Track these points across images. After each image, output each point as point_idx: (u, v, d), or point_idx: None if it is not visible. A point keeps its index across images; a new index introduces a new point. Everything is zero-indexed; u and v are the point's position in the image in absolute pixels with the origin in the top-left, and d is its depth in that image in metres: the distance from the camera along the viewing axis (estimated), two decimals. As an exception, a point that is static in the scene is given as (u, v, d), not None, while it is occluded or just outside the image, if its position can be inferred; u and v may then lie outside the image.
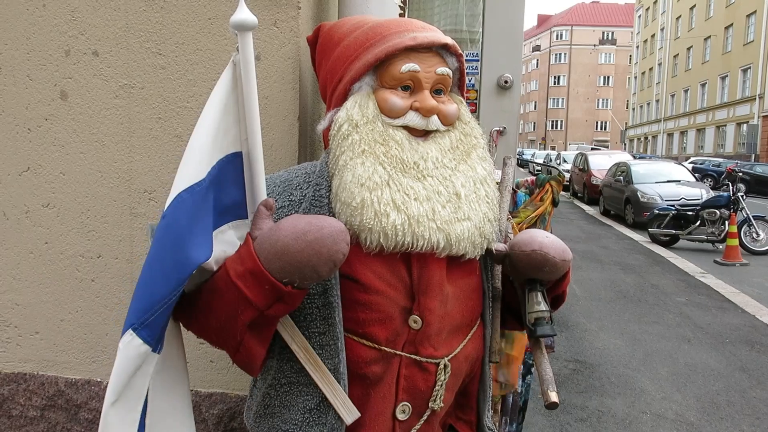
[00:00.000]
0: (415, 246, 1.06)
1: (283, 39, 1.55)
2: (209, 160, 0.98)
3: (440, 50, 1.17)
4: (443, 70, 1.15)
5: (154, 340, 0.92)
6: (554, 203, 2.42)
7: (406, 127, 1.13)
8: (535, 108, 74.42)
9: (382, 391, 1.10)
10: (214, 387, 1.68)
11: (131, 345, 0.91)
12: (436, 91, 1.16)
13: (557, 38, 70.67)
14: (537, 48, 74.14)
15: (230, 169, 1.03)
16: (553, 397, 1.12)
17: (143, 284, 0.92)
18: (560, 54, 70.14)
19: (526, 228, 2.19)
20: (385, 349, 1.08)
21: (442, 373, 1.12)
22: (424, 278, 1.10)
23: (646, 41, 51.58)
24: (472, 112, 2.14)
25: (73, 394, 1.72)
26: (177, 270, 0.91)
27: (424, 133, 1.15)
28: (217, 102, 1.01)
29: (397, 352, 1.09)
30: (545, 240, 1.13)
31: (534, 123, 74.81)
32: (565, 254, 1.14)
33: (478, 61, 2.48)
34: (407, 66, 1.11)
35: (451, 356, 1.13)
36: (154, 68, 1.60)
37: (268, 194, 1.10)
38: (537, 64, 74.15)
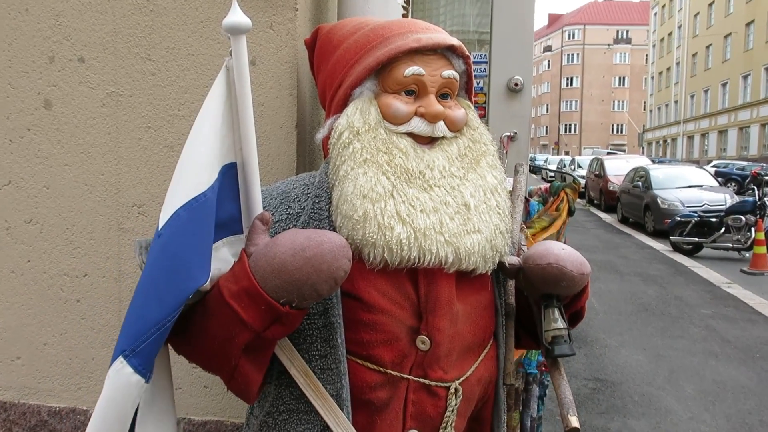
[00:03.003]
0: (421, 261, 1.05)
1: (279, 42, 1.55)
2: (210, 172, 0.97)
3: (446, 52, 1.16)
4: (449, 73, 1.15)
5: (146, 368, 0.91)
6: (570, 212, 2.41)
7: (410, 134, 1.13)
8: (547, 111, 74.55)
9: (389, 418, 1.08)
10: (208, 414, 1.66)
11: (121, 373, 0.89)
12: (442, 96, 1.16)
13: (569, 38, 70.93)
14: (548, 48, 74.40)
15: (225, 181, 1.03)
16: (574, 422, 1.10)
17: (136, 307, 0.91)
18: (573, 54, 70.35)
19: (540, 239, 2.17)
20: (391, 372, 1.07)
21: (453, 397, 1.10)
22: (432, 295, 1.09)
23: (662, 40, 51.69)
24: (481, 117, 2.13)
25: (57, 424, 1.71)
26: (174, 293, 0.90)
27: (429, 141, 1.15)
28: (211, 110, 1.00)
29: (404, 376, 1.08)
30: (561, 252, 1.13)
31: (546, 127, 74.94)
32: (583, 267, 1.13)
33: (486, 63, 2.47)
34: (411, 69, 1.11)
35: (462, 379, 1.12)
36: (144, 75, 1.60)
37: (264, 207, 1.10)
38: (548, 65, 74.38)
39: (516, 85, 2.33)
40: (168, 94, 1.60)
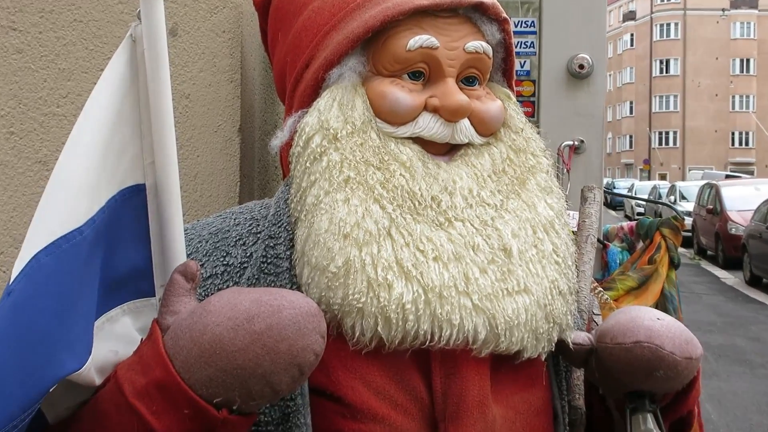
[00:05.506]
0: (437, 338, 1.05)
1: (214, 1, 1.58)
2: (90, 199, 0.97)
3: (471, 13, 1.19)
4: (477, 45, 1.16)
5: None
6: (673, 265, 2.41)
7: (418, 140, 1.14)
8: (630, 112, 75.12)
9: None
10: None
11: None
12: (467, 80, 1.18)
13: (663, -1, 72.01)
14: (630, 15, 75.41)
15: (125, 214, 1.03)
16: None
17: None
18: (668, 25, 71.26)
19: (626, 304, 2.17)
20: None
21: None
22: (454, 393, 1.09)
23: (806, 2, 52.59)
24: (529, 115, 2.15)
25: None
26: (25, 384, 0.88)
27: (448, 149, 1.17)
28: (104, 102, 1.01)
29: None
30: (656, 325, 1.13)
31: (630, 136, 75.39)
32: (691, 348, 1.13)
33: (535, 34, 2.51)
34: (418, 39, 1.13)
35: None
36: (5, 52, 1.62)
37: (189, 254, 1.10)
38: (631, 41, 75.27)
39: (581, 68, 2.36)
40: (42, 81, 1.61)
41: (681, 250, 2.60)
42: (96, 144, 0.99)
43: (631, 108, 74.97)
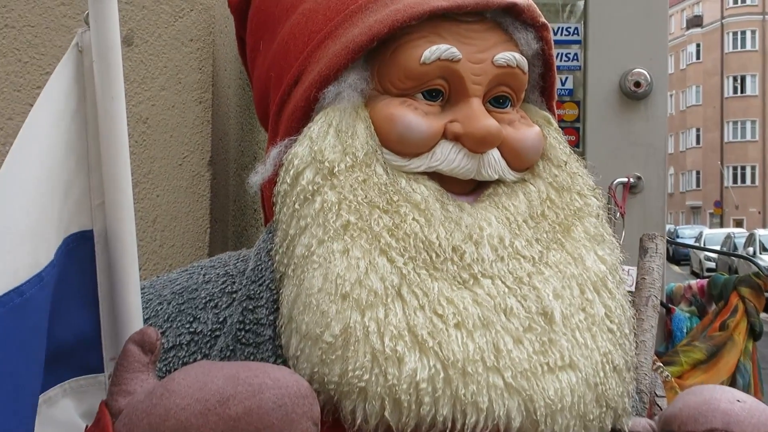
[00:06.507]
0: (460, 425, 1.04)
1: (178, 4, 1.60)
2: (34, 250, 0.97)
3: (502, 18, 1.20)
4: (509, 57, 1.17)
5: None
6: (754, 334, 2.40)
7: (435, 176, 1.15)
8: (697, 142, 75.22)
9: None
10: None
11: None
12: (496, 101, 1.19)
13: (736, 1, 72.39)
14: (696, 21, 75.83)
15: (69, 268, 1.03)
16: None
17: None
18: (743, 33, 71.60)
19: (694, 384, 2.16)
20: None
21: None
22: (482, 497, 1.08)
23: None
24: (573, 145, 2.16)
25: None
26: None
27: (473, 188, 1.18)
28: (46, 128, 1.01)
29: None
30: (734, 408, 1.13)
31: (697, 173, 75.45)
32: (775, 438, 1.13)
33: (580, 44, 2.53)
34: (435, 50, 1.14)
35: None
36: None
37: (147, 319, 1.10)
38: (698, 53, 75.65)
39: (637, 86, 2.37)
40: (-36, 102, 1.62)
41: (763, 315, 2.57)
42: (37, 180, 0.98)
43: (697, 137, 74.97)
